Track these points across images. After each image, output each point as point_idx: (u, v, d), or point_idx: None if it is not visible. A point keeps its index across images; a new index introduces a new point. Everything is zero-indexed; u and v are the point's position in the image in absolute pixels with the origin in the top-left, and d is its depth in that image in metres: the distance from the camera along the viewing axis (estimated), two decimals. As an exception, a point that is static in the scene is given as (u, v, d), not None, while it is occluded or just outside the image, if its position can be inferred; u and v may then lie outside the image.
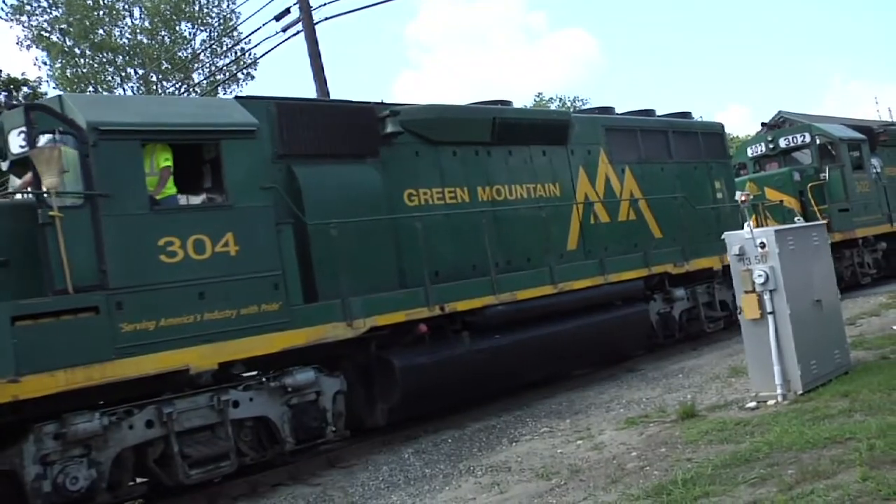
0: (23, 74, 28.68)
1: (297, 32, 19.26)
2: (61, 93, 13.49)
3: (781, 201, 17.49)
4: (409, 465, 8.30)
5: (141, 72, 33.07)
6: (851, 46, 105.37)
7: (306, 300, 8.58)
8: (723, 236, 9.12)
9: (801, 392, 8.21)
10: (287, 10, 19.49)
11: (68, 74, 32.18)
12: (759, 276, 8.27)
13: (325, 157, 9.42)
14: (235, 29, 32.94)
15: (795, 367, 8.23)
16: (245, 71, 33.70)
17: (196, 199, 8.62)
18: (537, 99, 58.93)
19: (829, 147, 18.63)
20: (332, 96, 18.29)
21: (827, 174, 18.19)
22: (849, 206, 18.19)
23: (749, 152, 20.14)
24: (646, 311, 12.65)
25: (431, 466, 8.11)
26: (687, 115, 15.66)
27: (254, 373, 8.42)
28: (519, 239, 11.25)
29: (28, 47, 32.67)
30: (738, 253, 8.50)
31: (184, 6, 33.28)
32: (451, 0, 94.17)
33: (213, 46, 33.95)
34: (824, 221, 15.20)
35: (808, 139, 18.90)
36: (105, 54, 32.88)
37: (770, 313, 8.28)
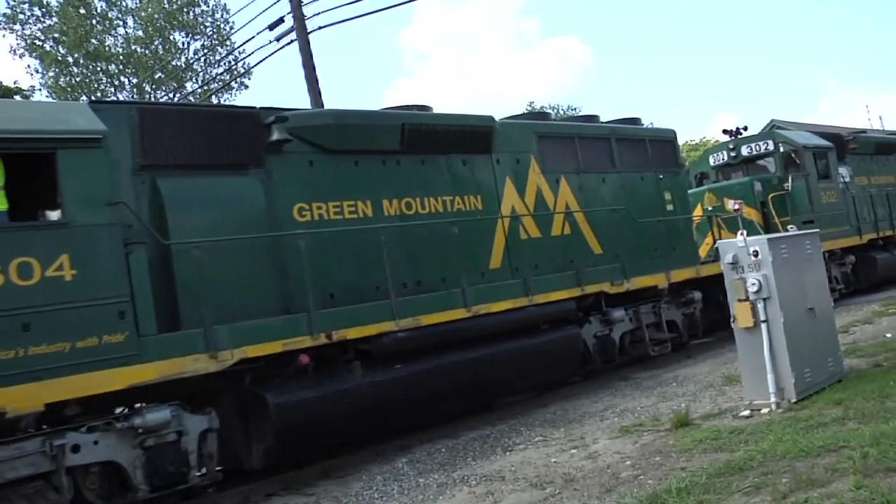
0: (15, 83, 28.68)
1: (291, 42, 19.31)
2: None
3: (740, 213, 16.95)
4: (402, 475, 8.27)
5: (135, 81, 33.05)
6: (843, 55, 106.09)
7: (166, 329, 7.66)
8: (716, 245, 9.16)
9: (794, 400, 8.21)
10: (281, 20, 19.55)
11: (61, 83, 32.15)
12: (753, 284, 8.29)
13: (198, 169, 8.49)
14: (229, 38, 32.96)
15: (789, 376, 8.24)
16: (238, 80, 33.74)
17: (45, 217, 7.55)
18: (529, 107, 59.11)
19: (794, 155, 17.68)
20: (327, 105, 18.30)
21: (790, 184, 17.25)
22: (814, 218, 16.92)
23: (711, 161, 19.06)
24: (577, 334, 11.58)
25: (425, 476, 8.08)
26: (635, 121, 14.77)
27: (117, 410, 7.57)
28: (432, 257, 10.19)
29: (21, 56, 32.67)
30: (731, 261, 8.52)
31: (178, 15, 33.30)
32: (445, 7, 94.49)
33: (207, 56, 33.98)
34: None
35: (771, 147, 17.95)
36: (98, 63, 32.86)
37: (763, 321, 8.29)
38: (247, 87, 34.01)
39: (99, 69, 33.05)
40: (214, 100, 32.76)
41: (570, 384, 12.15)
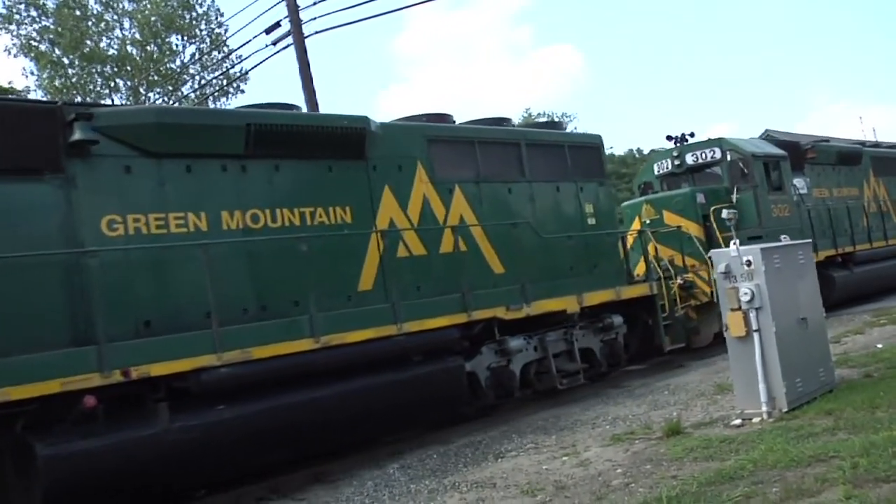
0: (10, 83, 28.59)
1: (287, 46, 19.33)
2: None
3: (679, 227, 15.34)
4: (394, 481, 8.26)
5: (129, 83, 33.01)
6: (836, 67, 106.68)
7: None
8: (708, 254, 9.12)
9: (786, 410, 8.23)
10: (277, 24, 19.58)
11: (56, 84, 32.05)
12: (745, 293, 8.31)
13: None
14: (225, 43, 32.96)
15: (780, 385, 8.26)
16: (235, 84, 33.71)
17: None
18: (525, 115, 59.19)
19: (742, 164, 16.30)
20: (322, 109, 18.31)
21: (735, 195, 16.02)
22: (762, 233, 15.63)
23: (656, 169, 17.60)
24: (459, 367, 10.07)
25: (416, 482, 8.07)
26: (556, 125, 13.54)
27: None
28: (282, 278, 8.88)
29: (16, 56, 32.59)
30: (724, 270, 8.54)
31: (175, 18, 33.29)
32: (438, 14, 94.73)
33: (203, 59, 33.97)
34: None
35: (718, 155, 16.58)
36: (93, 65, 32.83)
37: (756, 331, 8.31)
38: (243, 91, 34.00)
39: (94, 71, 33.01)
40: (211, 104, 32.74)
41: (466, 421, 10.81)
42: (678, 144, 17.11)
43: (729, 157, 16.41)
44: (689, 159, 16.84)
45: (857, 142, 24.98)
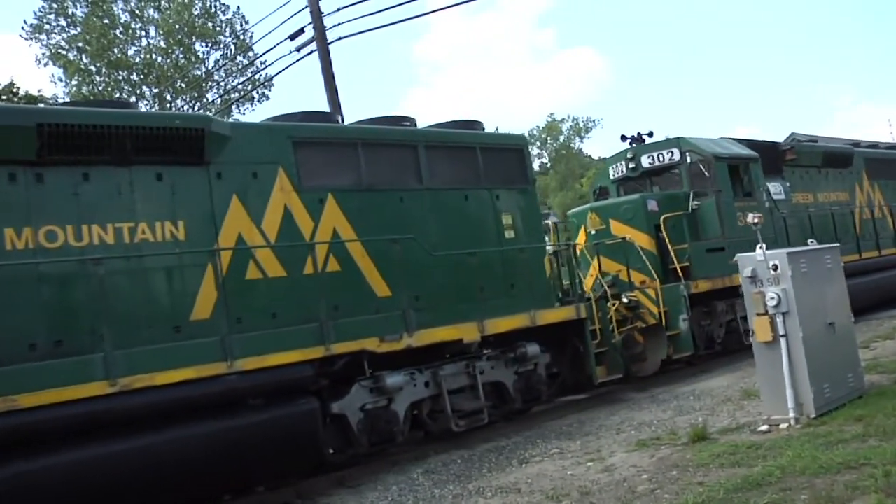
0: (39, 91, 29.04)
1: (311, 52, 19.47)
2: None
3: (625, 238, 13.70)
4: (418, 486, 8.26)
5: (155, 90, 33.43)
6: (862, 68, 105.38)
7: None
8: (734, 259, 8.94)
9: (813, 416, 8.14)
10: (301, 30, 19.72)
11: (84, 92, 32.57)
12: (772, 298, 8.23)
13: None
14: (251, 49, 33.27)
15: (808, 391, 8.17)
16: (259, 91, 34.03)
17: None
18: (549, 119, 59.03)
19: (702, 167, 14.54)
20: (347, 115, 18.40)
21: (692, 202, 14.20)
22: (725, 245, 13.95)
23: (611, 173, 15.86)
24: (310, 411, 8.42)
25: (441, 487, 8.07)
26: (473, 124, 11.55)
27: None
28: (83, 308, 7.48)
29: (45, 65, 33.17)
30: (750, 275, 8.47)
31: (197, 26, 33.65)
32: (461, 18, 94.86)
33: (227, 66, 34.32)
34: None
35: (676, 157, 14.78)
36: (120, 72, 33.30)
37: (783, 336, 8.23)
38: (268, 98, 34.30)
39: (121, 78, 33.49)
40: (235, 110, 33.09)
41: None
42: (633, 145, 15.44)
43: (689, 159, 14.69)
44: (645, 162, 15.16)
45: (852, 142, 22.25)
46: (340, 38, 20.62)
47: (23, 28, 33.13)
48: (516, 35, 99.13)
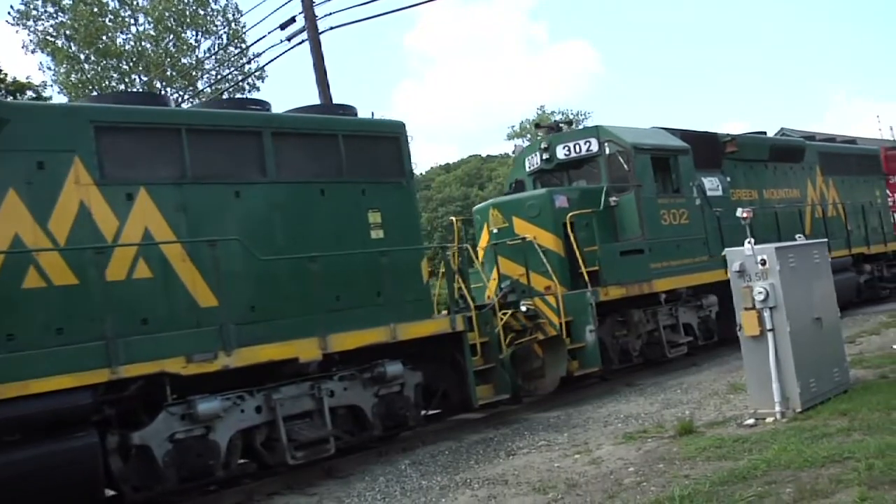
0: (28, 78, 28.78)
1: (302, 42, 19.39)
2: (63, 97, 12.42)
3: (524, 238, 12.07)
4: (405, 477, 8.28)
5: (145, 78, 33.21)
6: (853, 65, 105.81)
7: None
8: (723, 253, 8.90)
9: (799, 410, 8.20)
10: (292, 19, 19.64)
11: (73, 79, 32.32)
12: (760, 293, 8.27)
13: None
14: (242, 38, 33.06)
15: (794, 385, 8.23)
16: (250, 81, 33.84)
17: None
18: (540, 112, 59.02)
19: (622, 159, 13.06)
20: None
21: (611, 198, 12.69)
22: (645, 247, 12.71)
23: (527, 165, 14.23)
24: (88, 447, 7.06)
25: (428, 478, 8.08)
26: (345, 108, 10.24)
27: None
28: None
29: (33, 52, 32.88)
30: (738, 269, 8.51)
31: (188, 14, 33.43)
32: (451, 9, 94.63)
33: (218, 55, 34.13)
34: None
35: (595, 147, 13.25)
36: (109, 60, 33.05)
37: (770, 330, 8.27)
38: (258, 88, 34.13)
39: (110, 66, 33.24)
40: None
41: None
42: (549, 133, 14.01)
43: (607, 150, 13.19)
44: (561, 153, 13.58)
45: (807, 135, 20.61)
46: (332, 28, 20.52)
47: (9, 14, 32.90)
48: (509, 27, 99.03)
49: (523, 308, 11.61)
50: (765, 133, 18.63)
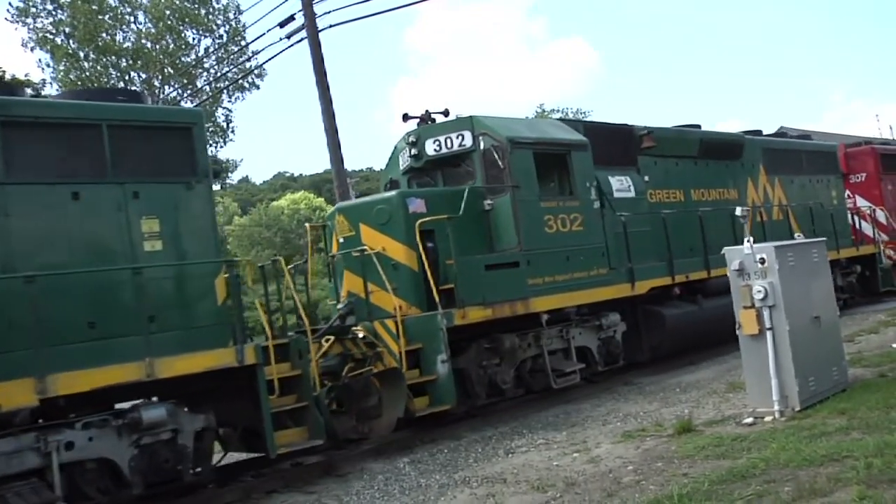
0: (26, 76, 28.76)
1: (301, 40, 19.37)
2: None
3: (365, 249, 10.15)
4: (404, 475, 8.27)
5: (144, 76, 33.18)
6: (852, 65, 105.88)
7: None
8: (722, 251, 8.92)
9: (798, 409, 8.20)
10: (291, 17, 19.62)
11: (72, 77, 32.27)
12: (759, 291, 8.27)
13: None
14: (243, 37, 33.03)
15: (793, 384, 8.23)
16: (249, 79, 33.83)
17: None
18: (538, 111, 58.99)
19: (498, 155, 10.91)
20: (337, 104, 18.30)
21: (466, 201, 10.46)
22: (521, 259, 10.66)
23: (401, 162, 11.98)
24: None
25: (427, 476, 8.08)
26: (133, 94, 8.99)
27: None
28: None
29: (32, 49, 32.85)
30: (737, 268, 8.51)
31: (188, 12, 33.40)
32: (450, 7, 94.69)
33: (218, 53, 34.08)
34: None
35: (469, 142, 11.14)
36: (108, 58, 33.02)
37: (769, 329, 8.28)
38: (258, 87, 34.13)
39: (109, 64, 33.21)
40: (225, 97, 32.90)
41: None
42: (420, 125, 11.84)
43: (482, 145, 11.05)
44: (431, 148, 11.43)
45: (752, 131, 17.89)
46: (331, 26, 20.50)
47: (8, 11, 32.86)
48: (508, 24, 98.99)
49: (360, 334, 9.80)
50: (760, 132, 17.67)
